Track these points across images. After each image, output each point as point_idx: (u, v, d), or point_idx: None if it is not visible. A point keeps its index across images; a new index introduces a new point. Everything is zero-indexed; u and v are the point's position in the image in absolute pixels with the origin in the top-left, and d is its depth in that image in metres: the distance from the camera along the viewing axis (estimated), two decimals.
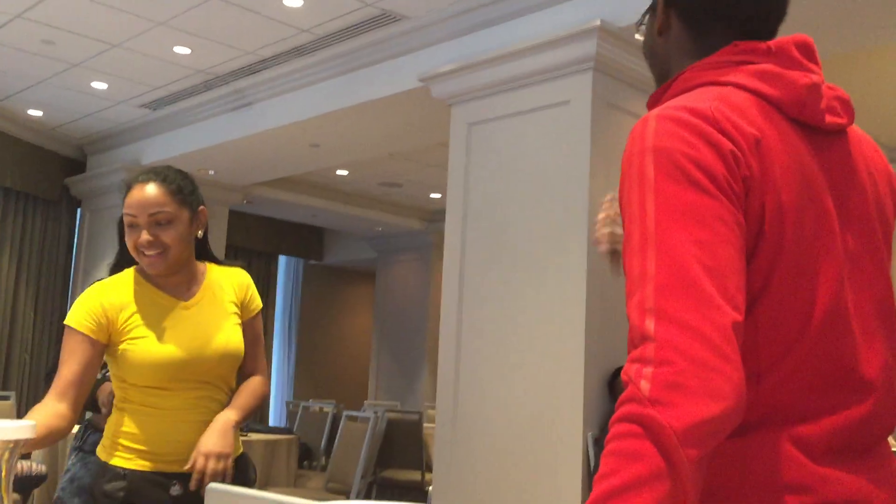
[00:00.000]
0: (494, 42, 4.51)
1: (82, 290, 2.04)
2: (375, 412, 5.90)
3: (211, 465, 1.78)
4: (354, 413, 5.84)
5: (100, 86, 6.24)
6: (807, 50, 1.05)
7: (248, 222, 10.09)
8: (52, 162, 7.63)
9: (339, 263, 11.72)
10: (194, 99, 6.44)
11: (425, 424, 6.40)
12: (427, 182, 8.34)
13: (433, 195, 8.88)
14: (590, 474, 3.70)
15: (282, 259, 11.22)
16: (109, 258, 2.41)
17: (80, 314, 1.84)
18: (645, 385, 0.80)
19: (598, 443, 3.70)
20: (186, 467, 1.80)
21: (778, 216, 0.94)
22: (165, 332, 1.87)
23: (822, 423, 0.94)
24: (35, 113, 6.99)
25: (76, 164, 7.83)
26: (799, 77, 1.01)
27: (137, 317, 1.87)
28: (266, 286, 10.68)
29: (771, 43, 1.03)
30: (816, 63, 1.06)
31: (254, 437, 5.30)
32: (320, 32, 5.10)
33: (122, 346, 1.85)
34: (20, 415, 6.09)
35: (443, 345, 4.46)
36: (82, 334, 1.82)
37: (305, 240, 11.05)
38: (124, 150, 7.41)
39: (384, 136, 6.02)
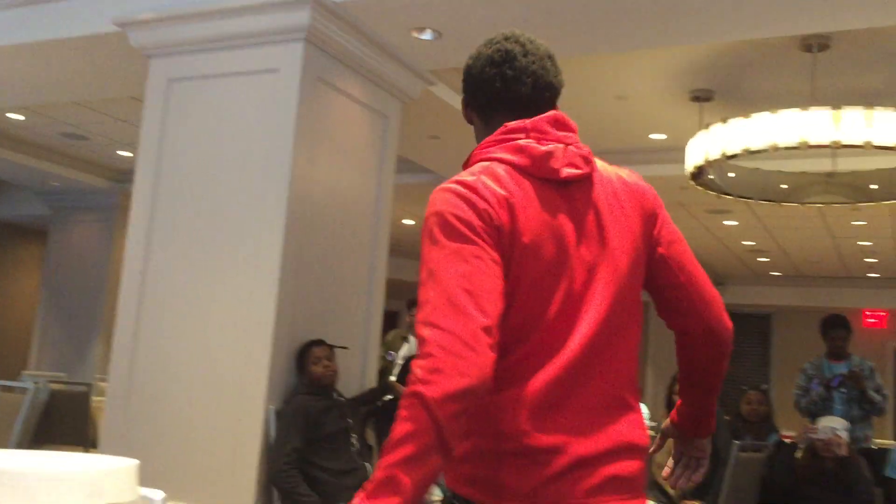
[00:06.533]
0: None
1: None
2: (36, 383, 5.35)
3: None
4: (9, 383, 5.26)
5: None
6: (557, 122, 1.43)
7: None
8: None
9: (5, 218, 10.47)
10: None
11: (94, 398, 5.94)
12: (116, 137, 7.71)
13: (122, 153, 8.23)
14: (269, 447, 3.66)
15: None
16: None
17: None
18: (417, 371, 1.19)
19: (280, 416, 3.67)
20: None
21: (522, 252, 1.33)
22: None
23: (536, 383, 1.32)
24: None
25: None
26: (536, 149, 1.39)
27: None
28: None
29: (528, 122, 1.42)
30: (568, 129, 1.44)
31: None
32: None
33: None
34: None
35: (121, 314, 4.15)
36: None
37: None
38: None
39: (69, 81, 5.44)
